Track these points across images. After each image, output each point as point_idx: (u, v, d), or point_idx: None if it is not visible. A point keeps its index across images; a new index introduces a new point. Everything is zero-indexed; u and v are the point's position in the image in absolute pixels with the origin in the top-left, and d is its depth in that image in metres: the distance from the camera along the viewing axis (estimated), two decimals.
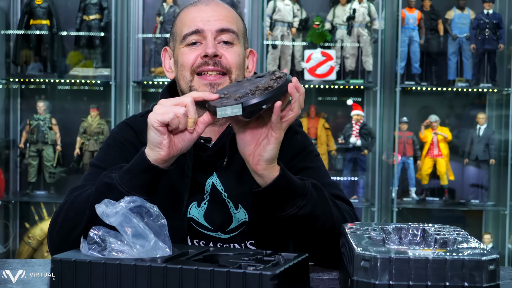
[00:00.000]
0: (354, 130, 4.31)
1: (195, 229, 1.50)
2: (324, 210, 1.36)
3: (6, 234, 4.43)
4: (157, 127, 1.24)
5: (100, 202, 1.19)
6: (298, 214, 1.32)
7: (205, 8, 1.50)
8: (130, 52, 4.25)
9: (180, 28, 1.51)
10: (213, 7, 1.50)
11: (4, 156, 4.42)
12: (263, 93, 1.21)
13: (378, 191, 4.34)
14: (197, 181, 1.48)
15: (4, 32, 4.38)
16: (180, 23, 1.51)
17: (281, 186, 1.29)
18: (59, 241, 1.37)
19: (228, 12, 1.51)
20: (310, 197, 1.33)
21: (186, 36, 1.48)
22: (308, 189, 1.33)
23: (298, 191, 1.31)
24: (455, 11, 4.41)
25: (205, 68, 1.45)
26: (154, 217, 1.20)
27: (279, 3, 4.25)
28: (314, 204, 1.33)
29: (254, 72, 1.56)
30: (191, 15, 1.49)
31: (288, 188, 1.30)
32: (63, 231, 1.37)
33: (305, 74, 4.29)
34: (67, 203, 1.39)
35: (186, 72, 1.47)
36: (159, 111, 1.25)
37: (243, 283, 1.07)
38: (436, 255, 1.04)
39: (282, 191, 1.30)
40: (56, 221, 1.39)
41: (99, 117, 4.27)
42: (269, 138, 1.25)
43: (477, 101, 4.66)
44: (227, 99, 1.24)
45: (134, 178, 1.28)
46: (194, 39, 1.47)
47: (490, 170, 4.49)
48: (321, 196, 1.36)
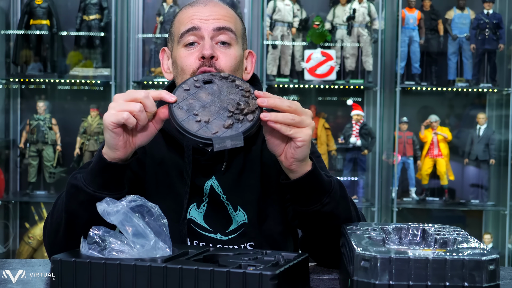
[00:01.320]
0: (354, 130, 4.31)
1: (195, 231, 1.50)
2: (345, 209, 1.36)
3: (6, 234, 4.43)
4: (112, 129, 1.21)
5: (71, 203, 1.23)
6: (322, 211, 1.32)
7: (203, 8, 1.49)
8: (130, 52, 4.25)
9: (177, 28, 1.50)
10: (211, 7, 1.49)
11: (4, 156, 4.42)
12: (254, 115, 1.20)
13: (378, 191, 4.34)
14: (196, 184, 1.48)
15: (4, 32, 4.38)
16: (178, 23, 1.50)
17: (309, 182, 1.29)
18: (49, 243, 1.40)
19: (227, 12, 1.50)
20: (334, 195, 1.33)
21: (183, 35, 1.46)
22: (333, 187, 1.33)
23: (324, 188, 1.31)
24: (455, 11, 4.41)
25: (202, 69, 1.44)
26: (155, 216, 1.20)
27: (279, 3, 4.25)
28: (337, 203, 1.33)
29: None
30: (188, 13, 1.49)
31: (315, 184, 1.30)
32: (51, 234, 1.39)
33: (305, 74, 4.29)
34: (52, 206, 1.41)
35: (186, 76, 1.46)
36: (113, 109, 1.20)
37: (243, 283, 1.07)
38: (436, 255, 1.05)
39: (309, 186, 1.30)
40: (46, 223, 1.42)
41: (99, 117, 4.27)
42: (296, 142, 1.24)
43: (477, 101, 4.65)
44: (205, 124, 1.20)
45: (97, 177, 1.28)
46: (192, 39, 1.46)
47: (490, 170, 4.49)
48: (344, 195, 1.37)
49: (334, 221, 1.34)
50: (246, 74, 1.56)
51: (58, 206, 1.38)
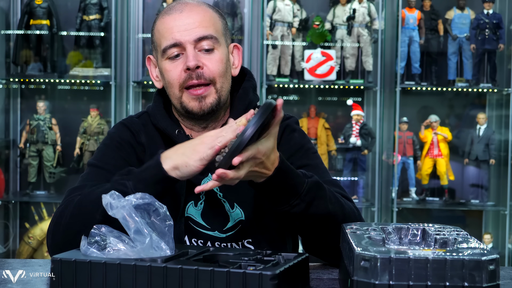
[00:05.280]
0: (354, 130, 4.31)
1: (193, 228, 1.50)
2: (321, 209, 1.35)
3: (6, 234, 4.43)
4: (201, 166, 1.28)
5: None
6: (291, 212, 1.32)
7: (179, 16, 1.48)
8: (130, 52, 4.25)
9: (159, 40, 1.50)
10: (187, 14, 1.48)
11: (4, 156, 4.42)
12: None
13: (378, 191, 4.34)
14: (192, 182, 1.48)
15: (4, 32, 4.38)
16: (158, 34, 1.50)
17: (275, 184, 1.29)
18: (65, 242, 1.33)
19: (204, 16, 1.49)
20: (305, 197, 1.32)
21: (166, 49, 1.47)
22: (305, 189, 1.32)
23: (293, 190, 1.31)
24: (455, 11, 4.41)
25: (190, 83, 1.46)
26: (162, 217, 1.20)
27: (279, 3, 4.25)
28: (308, 204, 1.33)
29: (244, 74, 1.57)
30: (167, 25, 1.48)
31: (281, 187, 1.30)
32: (70, 233, 1.34)
33: (305, 74, 4.29)
34: (72, 204, 1.37)
35: (175, 89, 1.48)
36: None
37: (243, 283, 1.07)
38: (436, 255, 1.05)
39: (275, 189, 1.30)
40: (59, 222, 1.37)
41: (99, 117, 4.27)
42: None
43: (477, 101, 4.65)
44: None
45: (149, 187, 1.28)
46: (175, 51, 1.47)
47: (490, 170, 4.49)
48: (321, 196, 1.35)
49: (308, 220, 1.35)
50: (234, 69, 1.56)
51: (85, 207, 1.34)
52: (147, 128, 1.55)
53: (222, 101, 1.50)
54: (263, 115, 1.18)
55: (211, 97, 1.47)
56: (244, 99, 1.55)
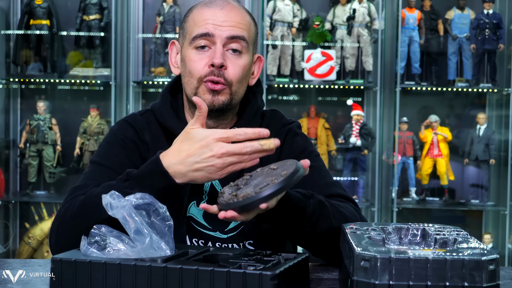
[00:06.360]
0: (354, 130, 4.31)
1: (194, 228, 1.50)
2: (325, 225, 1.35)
3: (6, 234, 4.43)
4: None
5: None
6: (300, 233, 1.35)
7: (219, 11, 1.48)
8: (130, 52, 4.25)
9: (191, 27, 1.50)
10: (227, 12, 1.48)
11: (4, 156, 4.42)
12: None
13: (378, 191, 4.34)
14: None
15: (4, 32, 4.38)
16: (192, 22, 1.50)
17: (281, 215, 1.30)
18: (69, 242, 1.30)
19: (242, 19, 1.50)
20: (310, 220, 1.33)
21: (195, 38, 1.47)
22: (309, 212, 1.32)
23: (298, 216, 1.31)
24: (455, 11, 4.41)
25: (210, 78, 1.46)
26: (161, 217, 1.19)
27: (279, 3, 4.25)
28: (314, 225, 1.33)
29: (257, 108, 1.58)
30: (204, 16, 1.48)
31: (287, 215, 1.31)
32: (75, 233, 1.30)
33: (305, 74, 4.29)
34: (78, 203, 1.35)
35: (193, 80, 1.47)
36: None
37: (243, 283, 1.07)
38: (436, 255, 1.04)
39: (281, 219, 1.31)
40: (64, 220, 1.35)
41: (99, 117, 4.27)
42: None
43: (477, 101, 4.65)
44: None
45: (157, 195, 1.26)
46: (203, 43, 1.47)
47: (490, 170, 4.49)
48: (323, 214, 1.35)
49: (312, 238, 1.36)
50: (252, 79, 1.57)
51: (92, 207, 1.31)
52: (151, 126, 1.55)
53: (233, 104, 1.50)
54: (289, 181, 1.18)
55: (225, 96, 1.47)
56: (254, 104, 1.57)
